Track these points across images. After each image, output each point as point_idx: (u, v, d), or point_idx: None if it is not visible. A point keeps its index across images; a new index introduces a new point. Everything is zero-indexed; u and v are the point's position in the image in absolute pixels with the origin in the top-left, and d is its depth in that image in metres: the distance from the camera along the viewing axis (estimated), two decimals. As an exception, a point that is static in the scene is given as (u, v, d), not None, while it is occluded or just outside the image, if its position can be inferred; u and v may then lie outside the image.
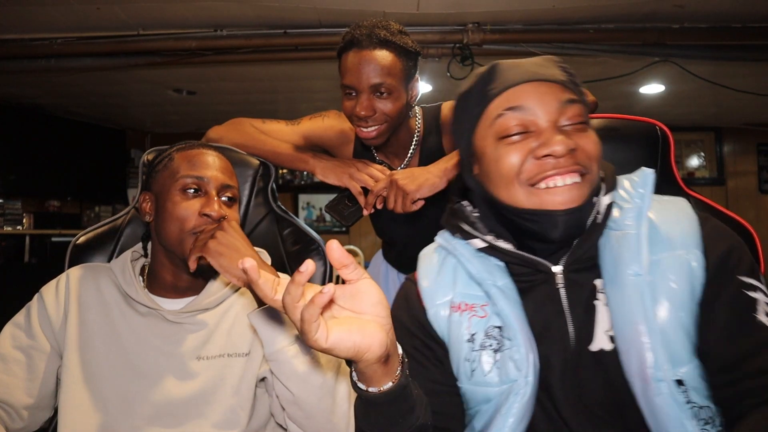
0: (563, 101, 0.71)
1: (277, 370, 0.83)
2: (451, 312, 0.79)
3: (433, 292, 0.81)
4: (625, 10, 2.54)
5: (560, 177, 0.70)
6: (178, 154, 0.98)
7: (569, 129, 0.71)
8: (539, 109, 0.71)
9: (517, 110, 0.72)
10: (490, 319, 0.76)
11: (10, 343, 0.91)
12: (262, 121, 1.35)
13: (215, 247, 0.83)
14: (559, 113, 0.71)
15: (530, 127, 0.72)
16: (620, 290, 0.69)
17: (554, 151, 0.69)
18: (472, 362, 0.75)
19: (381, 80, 1.15)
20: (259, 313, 0.82)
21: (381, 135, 1.22)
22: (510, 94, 0.73)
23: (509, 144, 0.72)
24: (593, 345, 0.71)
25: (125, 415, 0.86)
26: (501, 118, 0.73)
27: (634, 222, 0.72)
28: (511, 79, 0.74)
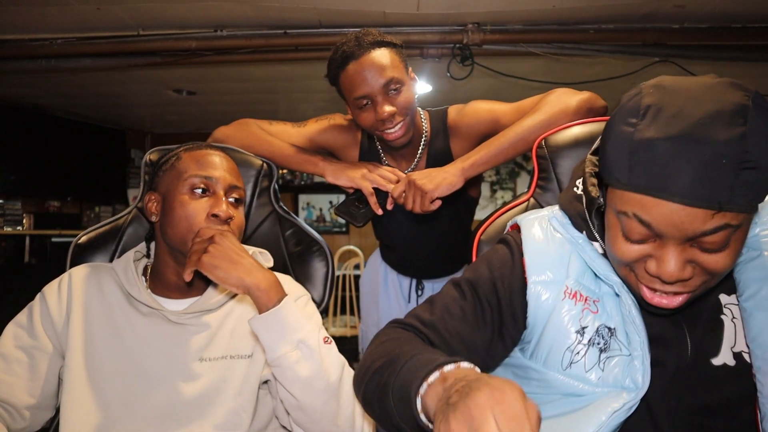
0: (707, 231, 0.58)
1: (280, 375, 0.83)
2: (564, 296, 0.75)
3: (539, 266, 0.77)
4: (625, 11, 2.54)
5: (665, 296, 0.65)
6: (186, 153, 0.98)
7: (702, 249, 0.61)
8: (670, 233, 0.60)
9: (641, 222, 0.61)
10: (601, 316, 0.74)
11: (12, 342, 0.91)
12: (268, 123, 1.35)
13: (209, 260, 0.83)
14: (696, 238, 0.60)
15: (654, 237, 0.62)
16: (766, 310, 0.66)
17: (663, 276, 0.62)
18: (574, 354, 0.73)
19: (390, 76, 1.16)
20: (259, 319, 0.82)
21: (407, 131, 1.23)
22: (644, 201, 0.60)
23: (626, 239, 0.65)
24: (717, 359, 0.70)
25: (127, 416, 0.86)
26: (626, 217, 0.63)
27: None
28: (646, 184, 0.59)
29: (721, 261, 0.61)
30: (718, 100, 0.58)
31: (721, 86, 0.61)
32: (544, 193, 1.03)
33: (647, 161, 0.59)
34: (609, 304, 0.74)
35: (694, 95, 0.60)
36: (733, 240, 0.60)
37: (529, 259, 0.78)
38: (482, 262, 0.83)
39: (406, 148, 1.32)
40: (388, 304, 1.63)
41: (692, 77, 0.64)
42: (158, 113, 4.60)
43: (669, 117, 0.58)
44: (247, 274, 0.83)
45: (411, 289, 1.58)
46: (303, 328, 0.83)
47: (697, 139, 0.56)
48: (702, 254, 0.61)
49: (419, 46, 2.79)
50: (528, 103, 1.20)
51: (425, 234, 1.45)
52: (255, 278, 0.83)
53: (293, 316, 0.83)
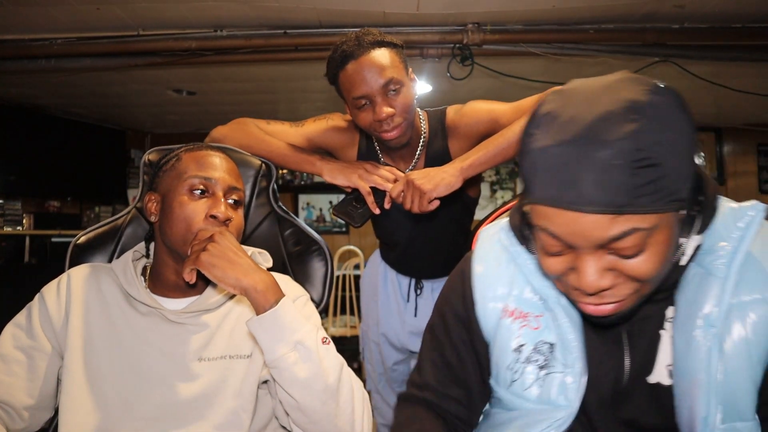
0: (613, 237, 0.55)
1: (279, 376, 0.83)
2: (503, 316, 0.74)
3: (487, 284, 0.76)
4: (625, 11, 2.54)
5: (593, 306, 0.62)
6: (186, 154, 0.98)
7: (620, 255, 0.58)
8: (577, 242, 0.57)
9: (553, 236, 0.59)
10: (542, 333, 0.71)
11: (11, 343, 0.91)
12: (266, 122, 1.35)
13: (207, 259, 0.83)
14: (606, 244, 0.56)
15: (565, 250, 0.60)
16: (688, 335, 0.62)
17: (583, 288, 0.59)
18: (514, 372, 0.72)
19: (389, 77, 1.15)
20: (257, 320, 0.82)
21: (405, 131, 1.23)
22: (547, 213, 0.58)
23: (547, 254, 0.63)
24: (651, 377, 0.67)
25: (126, 417, 0.86)
26: (539, 231, 0.61)
27: (724, 266, 0.61)
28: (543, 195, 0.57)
29: (643, 266, 0.57)
30: (613, 99, 0.55)
31: (619, 83, 0.58)
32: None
33: (543, 171, 0.56)
34: (551, 319, 0.72)
35: (590, 97, 0.57)
36: (651, 243, 0.56)
37: (476, 279, 0.78)
38: (441, 298, 0.85)
39: (405, 148, 1.32)
40: (387, 303, 1.63)
41: (601, 77, 0.61)
42: (158, 113, 4.59)
43: (563, 122, 0.56)
44: (245, 274, 0.83)
45: (410, 289, 1.58)
46: (301, 329, 0.83)
47: (589, 141, 0.53)
48: (620, 261, 0.57)
49: (419, 46, 2.79)
50: (527, 103, 1.20)
51: (424, 234, 1.45)
52: (252, 279, 0.83)
53: (290, 317, 0.83)
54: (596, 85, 0.59)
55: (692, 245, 0.63)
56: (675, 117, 0.55)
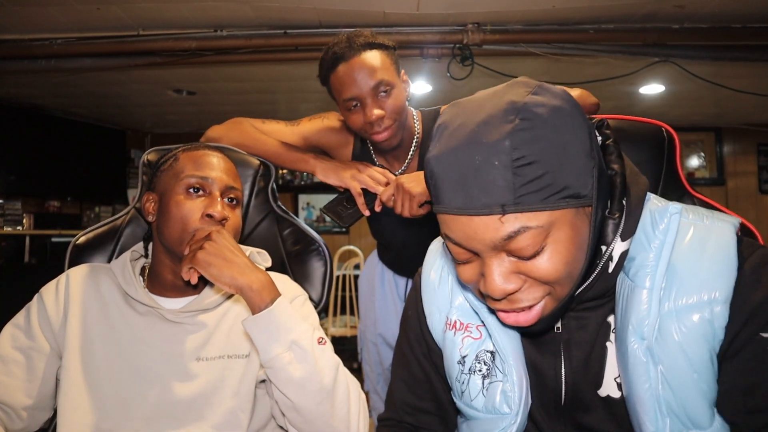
0: (505, 236, 0.55)
1: (274, 376, 0.82)
2: (446, 329, 0.75)
3: (432, 296, 0.78)
4: (625, 11, 2.54)
5: (516, 313, 0.60)
6: (183, 154, 0.98)
7: (517, 260, 0.57)
8: (476, 246, 0.57)
9: (455, 243, 0.59)
10: (484, 342, 0.71)
11: (10, 343, 0.90)
12: (261, 121, 1.35)
13: (204, 257, 0.83)
14: (502, 246, 0.56)
15: (472, 257, 0.60)
16: (624, 348, 0.61)
17: (490, 293, 0.58)
18: (461, 384, 0.73)
19: (379, 78, 1.15)
20: (252, 320, 0.82)
21: (396, 134, 1.22)
22: (444, 220, 0.59)
23: (458, 263, 0.62)
24: (601, 390, 0.66)
25: (124, 417, 0.86)
26: (447, 242, 0.61)
27: (649, 275, 0.60)
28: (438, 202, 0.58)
29: (545, 265, 0.56)
30: (496, 103, 0.56)
31: (506, 88, 0.59)
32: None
33: (435, 179, 0.57)
34: (497, 333, 0.70)
35: (478, 103, 0.58)
36: (550, 242, 0.55)
37: (424, 294, 0.79)
38: (403, 314, 0.86)
39: (398, 149, 1.31)
40: (384, 304, 1.62)
41: (497, 86, 0.62)
42: (158, 113, 4.60)
43: (451, 132, 0.57)
44: (240, 273, 0.83)
45: (407, 290, 1.58)
46: (296, 329, 0.83)
47: (471, 145, 0.54)
48: (523, 263, 0.57)
49: (419, 46, 2.79)
50: None
51: (418, 235, 1.44)
52: (248, 278, 0.83)
53: (286, 317, 0.83)
54: (487, 92, 0.60)
55: (618, 251, 0.61)
56: (558, 115, 0.55)
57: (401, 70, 1.24)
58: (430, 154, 0.58)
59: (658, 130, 0.96)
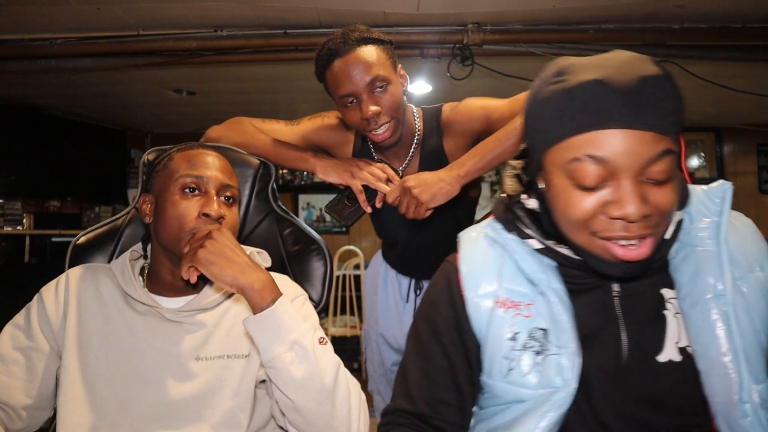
0: (655, 155, 0.61)
1: (275, 376, 0.82)
2: (495, 307, 0.76)
3: (476, 281, 0.78)
4: (625, 11, 2.54)
5: (627, 240, 0.66)
6: (177, 154, 0.98)
7: (651, 184, 0.64)
8: (625, 163, 0.62)
9: (599, 160, 0.62)
10: (534, 319, 0.74)
11: (10, 344, 0.91)
12: (261, 121, 1.34)
13: (205, 256, 0.83)
14: (646, 167, 0.62)
15: (609, 178, 0.64)
16: (701, 309, 0.67)
17: (627, 215, 0.63)
18: (510, 361, 0.74)
19: (375, 74, 1.14)
20: (253, 319, 0.82)
21: (394, 132, 1.22)
22: (595, 138, 0.62)
23: (582, 191, 0.65)
24: (662, 356, 0.70)
25: (123, 417, 0.86)
26: (579, 164, 0.64)
27: (713, 239, 0.69)
28: (600, 117, 0.62)
29: (668, 195, 0.64)
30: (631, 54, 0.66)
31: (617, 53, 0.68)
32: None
33: (590, 98, 0.62)
34: (542, 305, 0.74)
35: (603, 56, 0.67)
36: (673, 175, 0.64)
37: (464, 276, 0.80)
38: (426, 304, 0.85)
39: (398, 146, 1.31)
40: (386, 303, 1.62)
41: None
42: (158, 113, 4.59)
43: (593, 65, 0.64)
44: (242, 272, 0.83)
45: (410, 289, 1.58)
46: (297, 329, 0.83)
47: (638, 70, 0.61)
48: (652, 189, 0.63)
49: (419, 46, 2.79)
50: (523, 98, 1.19)
51: (423, 234, 1.44)
52: (249, 277, 0.83)
53: (288, 317, 0.83)
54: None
55: (674, 219, 0.70)
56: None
57: (398, 65, 1.23)
58: (578, 79, 0.63)
59: None
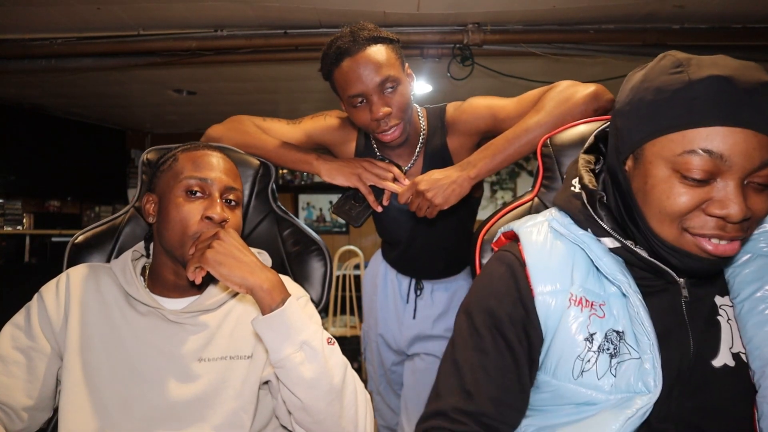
0: (766, 160, 0.62)
1: (284, 377, 0.82)
2: (570, 305, 0.73)
3: (546, 275, 0.75)
4: (625, 11, 2.54)
5: (718, 239, 0.65)
6: (182, 154, 0.98)
7: (753, 188, 0.64)
8: (737, 163, 0.62)
9: (713, 156, 0.62)
10: (608, 321, 0.72)
11: (10, 344, 0.90)
12: (262, 119, 1.34)
13: (213, 256, 0.83)
14: (756, 171, 0.63)
15: (717, 176, 0.63)
16: (759, 311, 0.69)
17: (728, 216, 0.62)
18: (585, 362, 0.71)
19: (386, 74, 1.13)
20: (263, 320, 0.82)
21: (403, 132, 1.21)
22: (714, 133, 0.62)
23: (684, 185, 0.65)
24: (717, 360, 0.71)
25: (125, 418, 0.86)
26: (690, 156, 0.63)
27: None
28: (722, 113, 0.62)
29: (765, 203, 0.65)
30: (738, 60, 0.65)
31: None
32: (548, 192, 1.01)
33: (717, 93, 0.62)
34: (615, 306, 0.73)
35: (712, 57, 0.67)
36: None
37: (532, 269, 0.76)
38: (488, 297, 0.78)
39: (403, 146, 1.31)
40: (385, 304, 1.61)
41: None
42: (158, 113, 4.60)
43: (713, 63, 0.64)
44: (251, 273, 0.83)
45: (410, 290, 1.57)
46: (307, 330, 0.83)
47: (753, 73, 0.62)
48: (752, 194, 0.64)
49: (419, 46, 2.79)
50: (530, 97, 1.18)
51: (426, 234, 1.44)
52: (258, 278, 0.82)
53: (297, 317, 0.83)
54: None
55: None
56: None
57: (405, 64, 1.22)
58: (702, 74, 0.63)
59: None
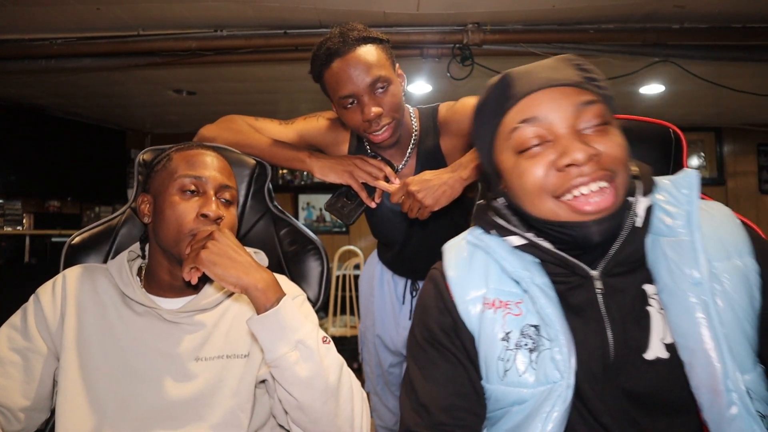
0: (579, 104, 0.69)
1: (279, 376, 0.82)
2: (484, 309, 0.76)
3: (463, 286, 0.79)
4: (625, 11, 2.54)
5: (585, 186, 0.68)
6: (176, 154, 0.98)
7: (590, 132, 0.69)
8: (554, 117, 0.69)
9: (532, 121, 0.70)
10: (525, 317, 0.74)
11: (7, 345, 0.90)
12: (255, 119, 1.34)
13: (208, 256, 0.83)
14: (576, 117, 0.69)
15: (548, 136, 0.70)
16: (680, 299, 0.67)
17: (575, 159, 0.67)
18: (506, 362, 0.73)
19: (377, 75, 1.13)
20: (258, 319, 0.82)
21: (394, 132, 1.21)
22: (523, 105, 0.71)
23: (529, 157, 0.71)
24: (648, 353, 0.69)
25: (122, 418, 0.86)
26: (517, 132, 0.71)
27: (686, 228, 0.69)
28: (522, 89, 0.72)
29: (609, 139, 0.69)
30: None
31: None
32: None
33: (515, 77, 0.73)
34: (529, 302, 0.74)
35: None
36: (612, 126, 0.70)
37: (451, 281, 0.80)
38: (422, 313, 0.83)
39: (395, 147, 1.30)
40: (382, 305, 1.61)
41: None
42: (158, 113, 4.60)
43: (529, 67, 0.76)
44: (246, 272, 0.83)
45: (406, 291, 1.57)
46: (302, 329, 0.83)
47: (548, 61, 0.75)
48: (592, 137, 0.69)
49: (419, 46, 2.79)
50: None
51: (420, 235, 1.44)
52: (253, 277, 0.83)
53: (292, 316, 0.83)
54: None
55: (642, 206, 0.72)
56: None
57: (396, 64, 1.22)
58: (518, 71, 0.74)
59: (665, 132, 0.95)
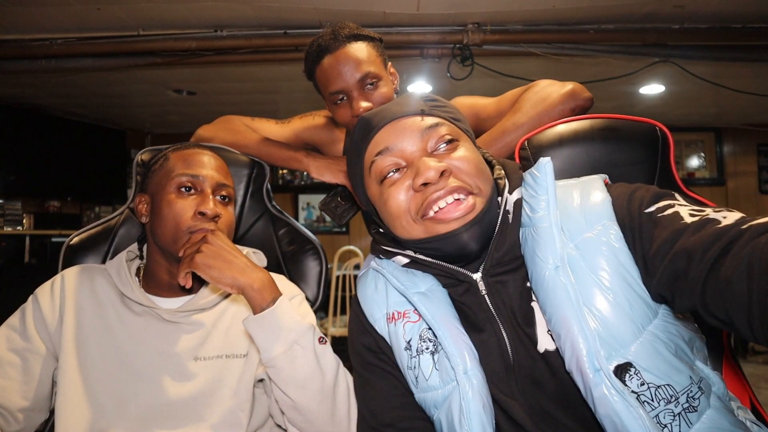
0: (424, 129, 0.76)
1: (275, 376, 0.82)
2: (388, 324, 0.80)
3: (371, 306, 0.84)
4: (625, 11, 2.54)
5: (442, 200, 0.72)
6: (173, 153, 0.98)
7: (442, 151, 0.75)
8: (404, 144, 0.76)
9: (386, 152, 0.77)
10: (422, 322, 0.77)
11: (5, 345, 0.90)
12: (251, 119, 1.34)
13: (202, 260, 0.83)
14: (424, 140, 0.75)
15: (401, 162, 0.76)
16: (544, 286, 0.67)
17: (428, 177, 0.71)
18: (413, 369, 0.76)
19: (366, 71, 1.13)
20: (253, 319, 0.82)
21: None
22: (377, 140, 0.78)
23: (390, 185, 0.76)
24: (539, 346, 0.70)
25: (121, 418, 0.86)
26: (375, 164, 0.78)
27: (544, 214, 0.70)
28: (374, 126, 0.79)
29: (462, 155, 0.74)
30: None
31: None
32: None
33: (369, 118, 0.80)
34: (421, 304, 0.76)
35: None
36: (462, 142, 0.77)
37: (363, 304, 0.86)
38: (351, 339, 0.90)
39: None
40: None
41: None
42: (158, 113, 4.60)
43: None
44: (241, 273, 0.83)
45: None
46: (297, 329, 0.83)
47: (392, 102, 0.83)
48: (442, 154, 0.74)
49: (419, 46, 2.79)
50: (510, 97, 1.18)
51: None
52: (249, 278, 0.83)
53: (288, 316, 0.83)
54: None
55: (511, 202, 0.76)
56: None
57: (388, 63, 1.22)
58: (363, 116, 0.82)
59: (651, 129, 0.96)
